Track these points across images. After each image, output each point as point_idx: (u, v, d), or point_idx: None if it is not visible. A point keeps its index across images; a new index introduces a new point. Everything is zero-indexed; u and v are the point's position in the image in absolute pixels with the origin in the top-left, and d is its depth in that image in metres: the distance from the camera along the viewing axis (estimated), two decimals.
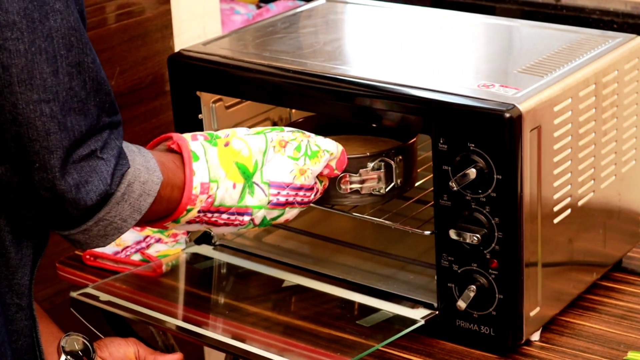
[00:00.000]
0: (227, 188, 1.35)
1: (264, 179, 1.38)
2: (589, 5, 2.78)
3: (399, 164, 1.57)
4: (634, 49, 1.60)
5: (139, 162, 1.26)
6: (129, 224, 1.26)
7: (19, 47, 1.12)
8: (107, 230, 1.25)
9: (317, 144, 1.43)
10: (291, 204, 1.41)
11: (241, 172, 1.37)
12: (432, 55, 1.64)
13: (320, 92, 1.54)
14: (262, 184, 1.38)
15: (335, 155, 1.45)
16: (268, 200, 1.39)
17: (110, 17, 2.05)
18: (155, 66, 2.15)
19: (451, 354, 1.50)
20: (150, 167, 1.27)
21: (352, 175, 1.56)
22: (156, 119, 2.17)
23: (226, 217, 1.37)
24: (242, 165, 1.37)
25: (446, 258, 1.48)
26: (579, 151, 1.52)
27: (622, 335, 1.51)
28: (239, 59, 1.63)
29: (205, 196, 1.33)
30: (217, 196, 1.35)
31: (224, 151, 1.36)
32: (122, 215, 1.24)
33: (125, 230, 1.26)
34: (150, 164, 1.27)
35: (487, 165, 1.41)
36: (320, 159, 1.43)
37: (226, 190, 1.35)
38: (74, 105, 1.16)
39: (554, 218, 1.49)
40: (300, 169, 1.41)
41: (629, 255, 1.69)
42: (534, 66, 1.52)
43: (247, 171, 1.37)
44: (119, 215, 1.24)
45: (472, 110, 1.41)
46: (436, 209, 1.47)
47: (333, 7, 1.87)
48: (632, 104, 1.62)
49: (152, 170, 1.27)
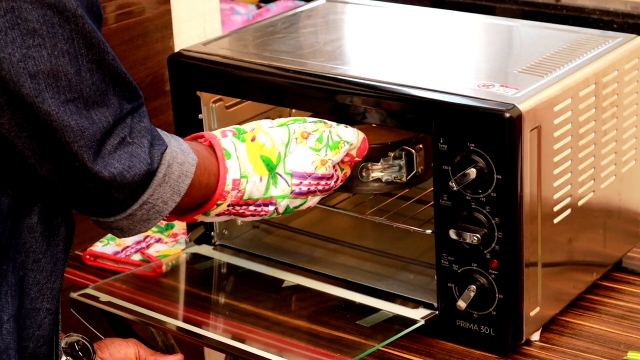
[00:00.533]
0: (255, 182, 1.39)
1: (287, 170, 1.42)
2: (589, 5, 2.78)
3: (420, 153, 1.59)
4: (634, 49, 1.60)
5: (174, 145, 1.29)
6: (170, 207, 1.28)
7: (42, 53, 1.13)
8: (150, 214, 1.27)
9: (338, 135, 1.46)
10: (313, 192, 1.45)
11: (265, 164, 1.41)
12: (432, 55, 1.64)
13: (321, 92, 1.54)
14: (285, 175, 1.42)
15: (355, 145, 1.48)
16: (291, 190, 1.42)
17: (110, 17, 2.05)
18: (155, 66, 2.15)
19: (451, 354, 1.50)
20: (185, 149, 1.30)
21: (374, 163, 1.59)
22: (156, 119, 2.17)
23: (253, 208, 1.41)
24: (266, 157, 1.41)
25: (446, 258, 1.48)
26: (579, 151, 1.52)
27: (622, 335, 1.51)
28: (239, 59, 1.63)
29: (236, 192, 1.37)
30: (247, 190, 1.39)
31: (251, 146, 1.40)
32: (163, 198, 1.27)
33: (166, 214, 1.29)
34: (183, 147, 1.30)
35: (487, 165, 1.41)
36: (341, 149, 1.46)
37: (254, 184, 1.39)
38: (97, 98, 1.18)
39: (554, 218, 1.49)
40: (322, 159, 1.44)
41: (629, 255, 1.70)
42: (534, 66, 1.52)
43: (270, 163, 1.41)
44: (161, 197, 1.27)
45: (472, 110, 1.41)
46: (436, 208, 1.47)
47: (333, 7, 1.87)
48: (632, 104, 1.62)
49: (187, 152, 1.30)
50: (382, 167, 1.60)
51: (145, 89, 2.14)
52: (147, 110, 1.27)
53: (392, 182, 1.61)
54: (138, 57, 2.11)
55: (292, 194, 1.43)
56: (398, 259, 1.67)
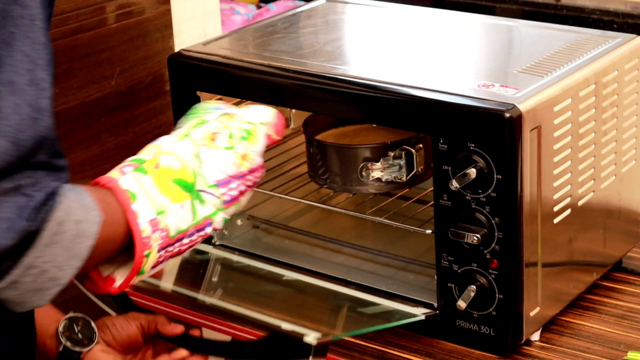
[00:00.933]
0: (176, 212, 1.20)
1: (209, 183, 1.25)
2: (589, 5, 2.78)
3: (420, 153, 1.59)
4: (634, 49, 1.60)
5: (72, 199, 1.07)
6: (68, 273, 1.07)
7: None
8: (41, 281, 1.06)
9: (248, 121, 1.32)
10: (244, 192, 1.30)
11: (182, 187, 1.22)
12: (432, 55, 1.64)
13: (320, 92, 1.54)
14: (209, 189, 1.25)
15: (270, 122, 1.34)
16: (221, 201, 1.26)
17: (110, 17, 2.05)
18: (155, 66, 2.14)
19: (451, 354, 1.50)
20: (87, 204, 1.09)
21: (374, 163, 1.59)
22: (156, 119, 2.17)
23: (188, 241, 1.23)
24: (180, 180, 1.22)
25: (446, 258, 1.48)
26: (579, 151, 1.52)
27: (622, 335, 1.51)
28: (239, 59, 1.63)
29: (159, 232, 1.18)
30: (170, 226, 1.20)
31: (158, 174, 1.21)
32: (56, 262, 1.05)
33: (65, 282, 1.08)
34: (86, 202, 1.09)
35: (487, 165, 1.41)
36: (258, 135, 1.32)
37: (176, 215, 1.20)
38: (2, 128, 1.01)
39: (554, 218, 1.49)
40: (242, 154, 1.29)
41: (629, 255, 1.69)
42: (534, 66, 1.52)
43: (187, 184, 1.23)
44: (52, 261, 1.05)
45: (472, 110, 1.41)
46: (436, 208, 1.47)
47: (333, 7, 1.87)
48: (632, 104, 1.62)
49: (89, 208, 1.09)
50: (382, 167, 1.60)
51: (145, 89, 2.14)
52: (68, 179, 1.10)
53: (392, 182, 1.62)
54: (138, 57, 2.11)
55: (224, 204, 1.27)
56: (398, 259, 1.67)
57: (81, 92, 2.02)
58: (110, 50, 2.06)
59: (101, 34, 2.04)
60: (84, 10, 2.00)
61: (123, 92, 2.10)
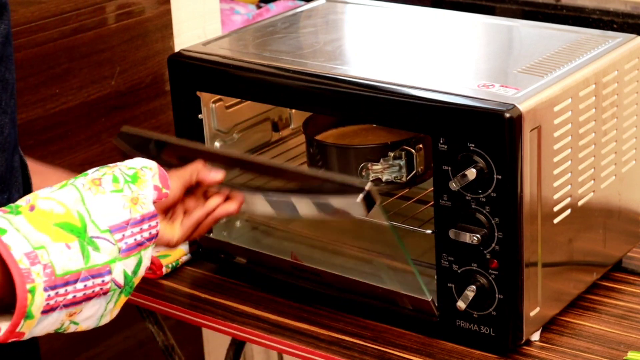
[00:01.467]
0: (62, 251, 1.13)
1: (101, 228, 1.18)
2: (589, 5, 2.78)
3: (420, 153, 1.59)
4: (634, 49, 1.60)
5: None
6: None
7: None
8: None
9: (129, 167, 1.26)
10: (142, 243, 1.22)
11: (68, 230, 1.15)
12: (432, 56, 1.64)
13: (320, 92, 1.54)
14: (103, 234, 1.17)
15: (154, 170, 1.28)
16: (118, 248, 1.18)
17: (110, 17, 2.05)
18: (155, 66, 2.15)
19: (451, 354, 1.50)
20: None
21: (374, 163, 1.59)
22: (156, 119, 2.17)
23: (82, 286, 1.14)
24: (65, 223, 1.15)
25: (446, 258, 1.48)
26: (579, 151, 1.52)
27: (622, 335, 1.51)
28: (239, 59, 1.63)
29: (40, 266, 1.11)
30: (55, 263, 1.12)
31: (33, 216, 1.14)
32: None
33: None
34: None
35: (487, 165, 1.41)
36: (144, 178, 1.25)
37: (62, 254, 1.13)
38: None
39: (554, 218, 1.49)
40: (131, 198, 1.22)
41: (629, 255, 1.69)
42: (534, 66, 1.52)
43: (74, 228, 1.16)
44: None
45: (472, 110, 1.41)
46: (436, 209, 1.47)
47: (333, 7, 1.87)
48: (632, 104, 1.62)
49: None
50: (382, 167, 1.60)
51: (145, 89, 2.14)
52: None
53: (392, 182, 1.62)
54: (138, 57, 2.11)
55: (121, 252, 1.18)
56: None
57: (81, 92, 2.02)
58: (110, 50, 2.07)
59: (101, 34, 2.04)
60: (84, 10, 2.00)
61: (123, 92, 2.11)
